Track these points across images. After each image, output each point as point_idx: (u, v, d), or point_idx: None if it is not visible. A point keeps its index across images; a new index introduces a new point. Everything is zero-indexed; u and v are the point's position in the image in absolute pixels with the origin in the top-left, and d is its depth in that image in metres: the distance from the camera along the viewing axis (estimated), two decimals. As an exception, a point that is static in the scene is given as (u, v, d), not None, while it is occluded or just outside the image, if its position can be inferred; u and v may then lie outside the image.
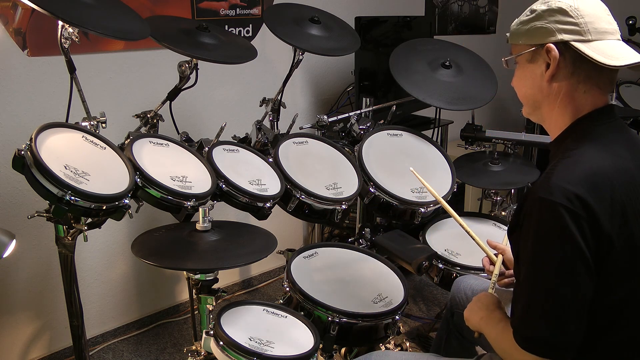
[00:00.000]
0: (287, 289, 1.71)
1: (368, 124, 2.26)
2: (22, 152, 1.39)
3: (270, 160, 1.90)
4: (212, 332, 1.49)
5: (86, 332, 1.85)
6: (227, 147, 1.88)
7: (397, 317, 1.69)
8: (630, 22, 3.25)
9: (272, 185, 1.79)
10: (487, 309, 1.34)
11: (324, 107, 3.11)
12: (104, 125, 1.71)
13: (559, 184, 1.05)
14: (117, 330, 2.54)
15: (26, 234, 2.18)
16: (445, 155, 2.17)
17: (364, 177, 1.97)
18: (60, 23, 1.56)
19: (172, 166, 1.68)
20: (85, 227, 1.59)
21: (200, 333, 1.63)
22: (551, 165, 1.14)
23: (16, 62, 2.06)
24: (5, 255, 1.46)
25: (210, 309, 1.67)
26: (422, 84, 2.15)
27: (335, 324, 1.60)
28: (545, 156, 2.96)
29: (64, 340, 2.34)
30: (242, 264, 1.88)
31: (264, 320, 1.60)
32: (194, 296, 1.70)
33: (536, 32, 1.16)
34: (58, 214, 1.40)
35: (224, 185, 1.69)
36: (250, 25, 2.69)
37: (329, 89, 3.13)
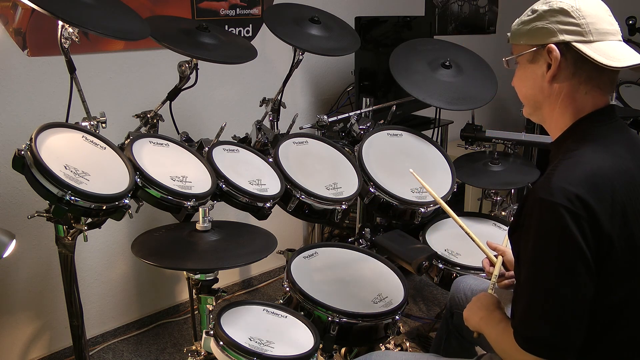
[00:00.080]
0: (287, 289, 1.71)
1: (368, 124, 2.26)
2: (22, 152, 1.38)
3: (270, 160, 1.90)
4: (212, 332, 1.49)
5: (86, 332, 1.85)
6: (227, 147, 1.88)
7: (397, 317, 1.68)
8: (630, 22, 3.25)
9: (272, 185, 1.79)
10: (487, 309, 1.33)
11: (324, 107, 3.11)
12: (104, 125, 1.71)
13: (560, 185, 1.05)
14: (117, 330, 2.54)
15: (26, 234, 2.17)
16: (445, 155, 2.17)
17: (364, 177, 1.97)
18: (60, 23, 1.56)
19: (172, 166, 1.68)
20: (85, 227, 1.59)
21: (200, 333, 1.63)
22: (552, 165, 1.14)
23: (16, 62, 2.06)
24: (5, 255, 1.46)
25: (210, 309, 1.67)
26: (422, 84, 2.15)
27: (335, 324, 1.60)
28: (546, 156, 2.96)
29: (64, 340, 2.34)
30: (242, 264, 1.88)
31: (264, 320, 1.60)
32: (194, 296, 1.70)
33: (537, 32, 1.16)
34: (58, 214, 1.39)
35: (224, 185, 1.69)
36: (250, 25, 2.69)
37: (329, 89, 3.13)
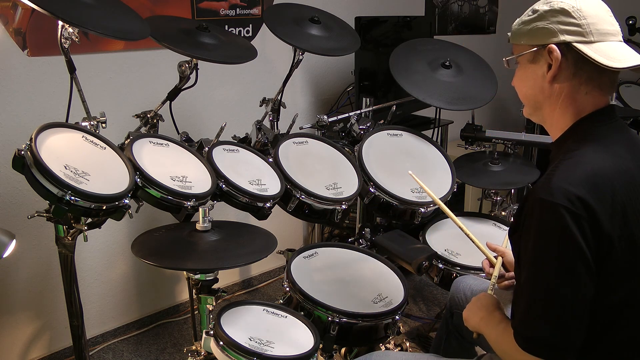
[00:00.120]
0: (287, 289, 1.71)
1: (368, 124, 2.26)
2: (22, 152, 1.38)
3: (270, 160, 1.90)
4: (212, 332, 1.49)
5: (86, 332, 1.85)
6: (227, 147, 1.88)
7: (397, 317, 1.68)
8: (630, 22, 3.25)
9: (272, 185, 1.79)
10: (487, 310, 1.33)
11: (324, 107, 3.11)
12: (104, 125, 1.71)
13: (560, 185, 1.05)
14: (117, 330, 2.54)
15: (26, 234, 2.17)
16: (445, 155, 2.17)
17: (364, 177, 1.97)
18: (60, 23, 1.56)
19: (172, 166, 1.68)
20: (85, 227, 1.59)
21: (200, 333, 1.63)
22: (552, 166, 1.14)
23: (16, 62, 2.06)
24: (5, 255, 1.46)
25: (210, 309, 1.67)
26: (422, 84, 2.14)
27: (335, 324, 1.60)
28: (546, 156, 2.96)
29: (64, 340, 2.34)
30: (242, 264, 1.88)
31: (264, 320, 1.59)
32: (194, 296, 1.70)
33: (538, 32, 1.16)
34: (58, 214, 1.39)
35: (224, 185, 1.69)
36: (250, 25, 2.69)
37: (329, 89, 3.13)
